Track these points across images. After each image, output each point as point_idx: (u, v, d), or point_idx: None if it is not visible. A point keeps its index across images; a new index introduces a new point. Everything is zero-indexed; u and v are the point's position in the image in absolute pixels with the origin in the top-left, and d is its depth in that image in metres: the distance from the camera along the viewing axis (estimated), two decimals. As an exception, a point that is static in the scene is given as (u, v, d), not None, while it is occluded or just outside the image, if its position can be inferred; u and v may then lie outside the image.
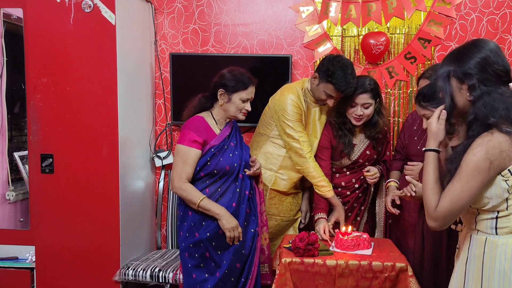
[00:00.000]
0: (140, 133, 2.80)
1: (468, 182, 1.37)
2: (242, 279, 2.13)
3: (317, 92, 2.39)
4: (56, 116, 2.47)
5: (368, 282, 1.96)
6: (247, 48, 2.97)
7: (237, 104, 2.13)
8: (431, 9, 2.81)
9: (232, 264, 2.09)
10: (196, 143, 2.08)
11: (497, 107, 1.37)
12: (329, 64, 2.30)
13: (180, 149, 2.10)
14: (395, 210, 2.31)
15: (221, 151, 2.13)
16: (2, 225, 2.75)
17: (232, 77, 2.13)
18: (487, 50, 1.42)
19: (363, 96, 2.34)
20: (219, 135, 2.15)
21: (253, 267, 2.15)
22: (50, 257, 2.52)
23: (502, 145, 1.35)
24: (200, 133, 2.09)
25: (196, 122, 2.14)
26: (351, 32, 2.91)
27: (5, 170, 2.80)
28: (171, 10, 2.99)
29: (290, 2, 2.92)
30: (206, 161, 2.10)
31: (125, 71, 2.53)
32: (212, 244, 2.09)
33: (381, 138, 2.50)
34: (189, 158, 2.08)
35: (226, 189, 2.13)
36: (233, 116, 2.17)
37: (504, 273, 1.41)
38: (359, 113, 2.36)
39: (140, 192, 2.78)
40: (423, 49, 2.82)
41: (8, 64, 2.75)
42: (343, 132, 2.44)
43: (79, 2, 2.40)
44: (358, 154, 2.47)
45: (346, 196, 2.50)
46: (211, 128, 2.15)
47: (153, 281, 2.47)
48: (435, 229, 1.45)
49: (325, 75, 2.30)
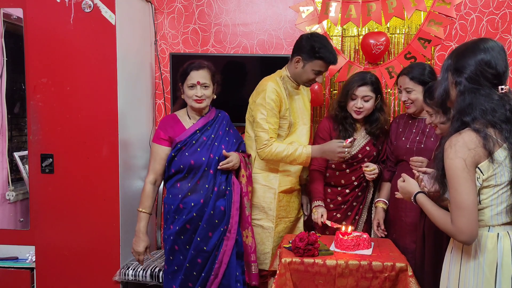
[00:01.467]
0: (140, 133, 2.80)
1: (460, 184, 1.42)
2: (203, 274, 2.18)
3: (304, 74, 2.39)
4: (56, 116, 2.47)
5: (368, 282, 1.96)
6: (247, 48, 2.97)
7: (187, 93, 2.22)
8: (431, 9, 2.80)
9: (192, 259, 2.17)
10: (161, 139, 2.23)
11: (475, 106, 1.44)
12: (311, 42, 2.33)
13: (151, 147, 2.32)
14: (380, 233, 2.41)
15: (187, 146, 2.20)
16: (2, 225, 2.76)
17: (182, 69, 2.24)
18: (486, 51, 1.46)
19: (363, 88, 2.38)
20: (186, 131, 2.24)
21: (216, 264, 2.18)
22: (50, 257, 2.52)
23: (468, 143, 1.42)
24: (166, 130, 2.24)
25: (166, 119, 2.30)
26: (351, 32, 2.91)
27: (5, 170, 2.80)
28: (171, 10, 2.99)
29: (290, 2, 2.92)
30: (172, 157, 2.21)
31: (125, 71, 2.53)
32: (180, 238, 2.18)
33: (381, 137, 2.51)
34: (157, 155, 2.24)
35: (195, 184, 2.19)
36: (192, 107, 2.25)
37: (479, 265, 1.47)
38: (359, 105, 2.38)
39: (140, 192, 2.77)
40: (423, 49, 2.82)
41: (8, 64, 2.75)
42: (344, 127, 2.45)
43: (79, 2, 2.40)
44: (357, 149, 2.47)
45: (346, 195, 2.50)
46: (181, 124, 2.26)
47: (153, 281, 2.47)
48: (467, 242, 1.44)
49: (312, 54, 2.33)
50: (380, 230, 2.43)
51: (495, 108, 1.43)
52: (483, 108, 1.43)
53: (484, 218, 1.48)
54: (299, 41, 2.40)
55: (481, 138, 1.42)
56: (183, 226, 2.18)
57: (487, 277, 1.45)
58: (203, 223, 2.17)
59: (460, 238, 1.44)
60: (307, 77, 2.40)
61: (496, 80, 1.47)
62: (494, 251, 1.46)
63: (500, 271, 1.45)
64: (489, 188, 1.46)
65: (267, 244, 2.44)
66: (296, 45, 2.41)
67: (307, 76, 2.39)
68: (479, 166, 1.43)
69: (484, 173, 1.43)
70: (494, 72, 1.46)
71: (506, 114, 1.43)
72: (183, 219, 2.17)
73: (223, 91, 2.83)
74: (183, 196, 2.19)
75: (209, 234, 2.19)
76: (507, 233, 1.47)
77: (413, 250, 2.24)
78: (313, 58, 2.33)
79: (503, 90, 1.46)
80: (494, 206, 1.47)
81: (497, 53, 1.47)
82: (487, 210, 1.47)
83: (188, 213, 2.17)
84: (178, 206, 2.19)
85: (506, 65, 1.49)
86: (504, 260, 1.45)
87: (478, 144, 1.41)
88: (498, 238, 1.47)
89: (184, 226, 2.18)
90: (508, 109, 1.44)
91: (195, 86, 2.19)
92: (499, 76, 1.47)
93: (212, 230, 2.19)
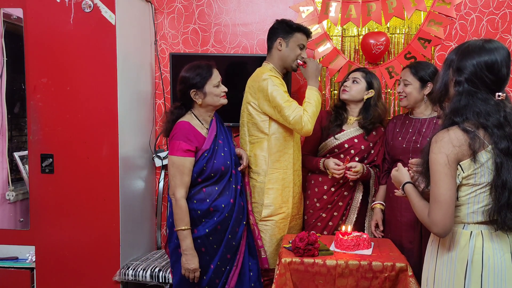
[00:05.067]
0: (140, 133, 2.80)
1: (440, 179, 1.46)
2: (228, 267, 2.20)
3: (291, 52, 2.41)
4: (56, 116, 2.47)
5: (368, 282, 1.96)
6: (247, 48, 2.97)
7: (214, 92, 2.17)
8: (431, 9, 2.80)
9: (223, 256, 2.17)
10: (189, 152, 2.11)
11: (469, 108, 1.46)
12: (283, 22, 2.43)
13: (175, 161, 2.11)
14: (378, 233, 2.45)
15: (213, 153, 2.17)
16: (2, 225, 2.76)
17: (194, 74, 2.15)
18: (491, 54, 1.47)
19: (355, 73, 2.56)
20: (208, 138, 2.18)
21: (238, 255, 2.22)
22: (50, 257, 2.52)
23: (454, 141, 1.45)
24: (190, 141, 2.11)
25: (184, 129, 2.13)
26: (351, 32, 2.91)
27: (5, 170, 2.80)
28: (171, 10, 2.99)
29: (290, 2, 2.92)
30: (202, 167, 2.14)
31: (125, 71, 2.53)
32: (209, 239, 2.15)
33: (375, 135, 2.52)
34: (185, 168, 2.11)
35: (223, 187, 2.19)
36: (217, 105, 2.22)
37: (451, 260, 1.52)
38: (347, 84, 2.53)
39: (140, 192, 2.78)
40: (423, 49, 2.82)
41: (8, 64, 2.75)
42: (336, 114, 2.56)
43: (79, 2, 2.40)
44: (345, 138, 2.50)
45: (332, 194, 2.50)
46: (198, 132, 2.17)
47: (153, 281, 2.47)
48: (440, 235, 1.49)
49: (289, 29, 2.40)
50: (377, 231, 2.45)
51: (489, 112, 1.46)
52: (478, 111, 1.46)
53: (460, 214, 1.52)
54: (272, 28, 2.46)
55: (468, 137, 1.45)
56: (214, 228, 2.15)
57: (457, 272, 1.50)
58: (233, 222, 2.19)
59: (434, 230, 1.49)
60: (293, 55, 2.42)
61: (495, 86, 1.48)
62: (466, 248, 1.50)
63: (470, 269, 1.48)
64: (467, 186, 1.49)
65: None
66: (270, 33, 2.46)
67: (293, 54, 2.42)
68: (460, 164, 1.47)
69: (465, 171, 1.47)
70: (494, 78, 1.47)
71: (500, 119, 1.45)
72: (214, 221, 2.15)
73: (223, 91, 2.82)
74: (212, 200, 2.16)
75: (236, 229, 2.22)
76: (480, 232, 1.51)
77: (409, 250, 2.25)
78: (292, 32, 2.40)
79: (499, 97, 1.48)
80: (471, 204, 1.50)
81: (502, 58, 1.47)
82: (464, 208, 1.51)
83: (220, 215, 2.16)
84: (207, 210, 2.15)
85: (509, 72, 1.49)
86: (475, 258, 1.49)
87: (464, 142, 1.45)
88: (471, 236, 1.50)
89: (215, 227, 2.15)
90: (503, 115, 1.46)
91: (219, 83, 2.20)
92: (499, 82, 1.48)
93: (238, 225, 2.23)
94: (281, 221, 2.41)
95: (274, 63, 2.45)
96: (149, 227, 2.95)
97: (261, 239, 2.37)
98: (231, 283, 2.19)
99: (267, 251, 2.37)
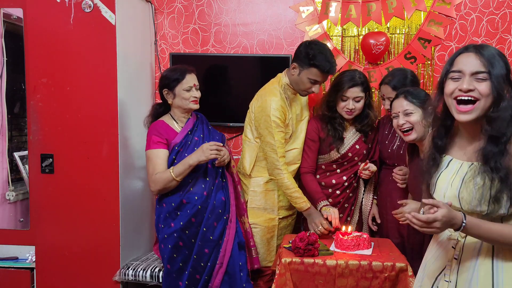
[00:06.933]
0: (140, 133, 2.79)
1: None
2: (209, 263, 2.23)
3: (300, 82, 2.35)
4: (56, 116, 2.47)
5: (368, 282, 1.97)
6: (247, 48, 2.96)
7: (183, 95, 2.25)
8: (431, 9, 2.80)
9: (200, 250, 2.21)
10: (160, 143, 2.24)
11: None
12: (307, 49, 2.30)
13: (149, 154, 2.26)
14: (373, 226, 2.50)
15: (184, 147, 2.26)
16: (2, 225, 2.75)
17: (168, 75, 2.29)
18: None
19: (354, 89, 2.35)
20: (180, 133, 2.29)
21: (221, 253, 2.24)
22: (50, 257, 2.52)
23: None
24: (161, 134, 2.25)
25: (156, 125, 2.30)
26: (351, 32, 2.91)
27: (5, 170, 2.80)
28: (171, 10, 2.98)
29: (290, 2, 2.92)
30: (173, 160, 2.24)
31: (125, 71, 2.53)
32: (186, 233, 2.21)
33: (371, 135, 2.51)
34: (158, 158, 2.23)
35: (197, 180, 2.25)
36: (187, 108, 2.28)
37: None
38: (350, 107, 2.37)
39: (140, 192, 2.77)
40: (423, 49, 2.82)
41: (8, 64, 2.75)
42: (333, 126, 2.42)
43: (79, 2, 2.40)
44: (347, 148, 2.46)
45: (337, 196, 2.50)
46: (171, 128, 2.29)
47: (153, 281, 2.47)
48: None
49: (306, 61, 2.29)
50: (373, 224, 2.51)
51: None
52: None
53: None
54: (298, 47, 2.39)
55: None
56: (189, 220, 2.22)
57: None
58: (208, 214, 2.24)
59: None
60: (303, 86, 2.35)
61: None
62: None
63: None
64: None
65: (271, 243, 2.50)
66: (295, 51, 2.40)
67: (303, 85, 2.35)
68: None
69: None
70: None
71: None
72: (188, 214, 2.22)
73: (223, 91, 2.84)
74: (185, 192, 2.23)
75: (214, 224, 2.25)
76: None
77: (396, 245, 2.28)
78: (307, 65, 2.29)
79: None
80: None
81: None
82: None
83: (193, 207, 2.22)
84: (180, 202, 2.23)
85: None
86: None
87: None
88: None
89: (190, 220, 2.22)
90: None
91: (191, 88, 2.26)
92: None
93: (216, 220, 2.26)
94: (268, 221, 2.48)
95: (289, 80, 2.42)
96: (149, 227, 2.94)
97: (253, 238, 2.42)
98: (214, 281, 2.21)
99: (259, 252, 2.43)
